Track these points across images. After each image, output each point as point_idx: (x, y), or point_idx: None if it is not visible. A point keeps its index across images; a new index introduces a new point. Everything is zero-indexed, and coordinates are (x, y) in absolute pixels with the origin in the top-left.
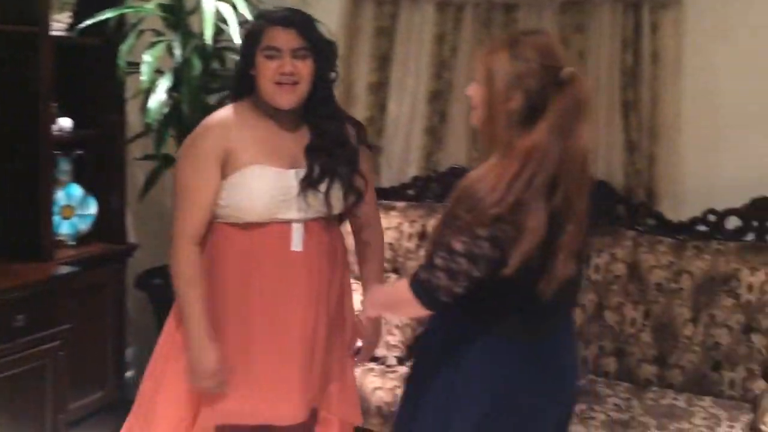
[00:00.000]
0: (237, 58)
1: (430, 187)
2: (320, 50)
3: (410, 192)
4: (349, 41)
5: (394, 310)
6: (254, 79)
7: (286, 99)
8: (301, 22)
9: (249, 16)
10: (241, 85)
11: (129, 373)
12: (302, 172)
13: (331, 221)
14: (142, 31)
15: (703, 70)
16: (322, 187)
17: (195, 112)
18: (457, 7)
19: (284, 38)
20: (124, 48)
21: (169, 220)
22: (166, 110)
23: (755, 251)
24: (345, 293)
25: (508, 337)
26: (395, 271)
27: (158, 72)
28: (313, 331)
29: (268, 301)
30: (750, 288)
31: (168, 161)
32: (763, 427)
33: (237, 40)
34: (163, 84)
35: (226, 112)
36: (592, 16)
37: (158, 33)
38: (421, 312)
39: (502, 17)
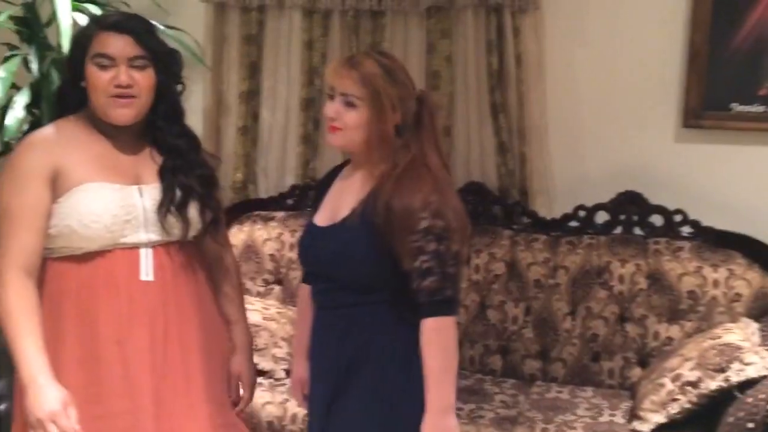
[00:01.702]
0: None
1: (309, 196)
2: (161, 59)
3: (289, 201)
4: (217, 50)
5: (455, 355)
6: (84, 92)
7: (123, 114)
8: (138, 28)
9: None
10: (68, 99)
11: (2, 407)
12: (151, 189)
13: (188, 245)
14: None
15: (564, 72)
16: (182, 208)
17: None
18: (324, 13)
19: (118, 45)
20: None
21: None
22: (25, 127)
23: (624, 244)
24: (214, 329)
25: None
26: (278, 282)
27: (14, 87)
28: (165, 374)
29: (117, 341)
30: (621, 279)
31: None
32: (641, 413)
33: None
34: (21, 100)
35: (49, 129)
36: (457, 21)
37: (12, 47)
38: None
39: (370, 23)
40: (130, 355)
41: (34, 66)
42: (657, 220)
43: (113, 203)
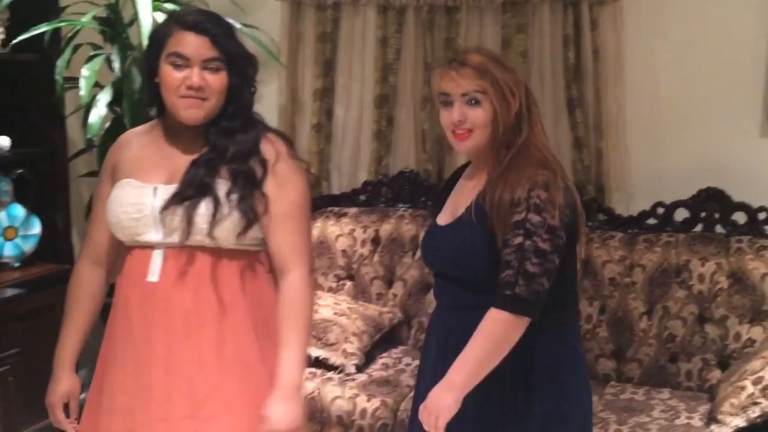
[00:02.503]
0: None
1: (382, 192)
2: (236, 63)
3: (362, 197)
4: (293, 47)
5: (498, 352)
6: (157, 89)
7: (191, 113)
8: (216, 29)
9: None
10: (151, 97)
11: (82, 395)
12: (166, 188)
13: (222, 253)
14: (78, 45)
15: (643, 65)
16: (188, 208)
17: (137, 125)
18: (399, 10)
19: (194, 46)
20: (60, 62)
21: None
22: (107, 125)
23: (704, 242)
24: (229, 351)
25: (563, 325)
26: (350, 278)
27: (98, 86)
28: (137, 392)
29: (127, 337)
30: (701, 278)
31: None
32: (720, 416)
33: None
34: (104, 98)
35: (136, 129)
36: (533, 15)
37: (96, 46)
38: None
39: (444, 19)
40: (140, 353)
41: (117, 65)
42: (740, 217)
43: (127, 201)
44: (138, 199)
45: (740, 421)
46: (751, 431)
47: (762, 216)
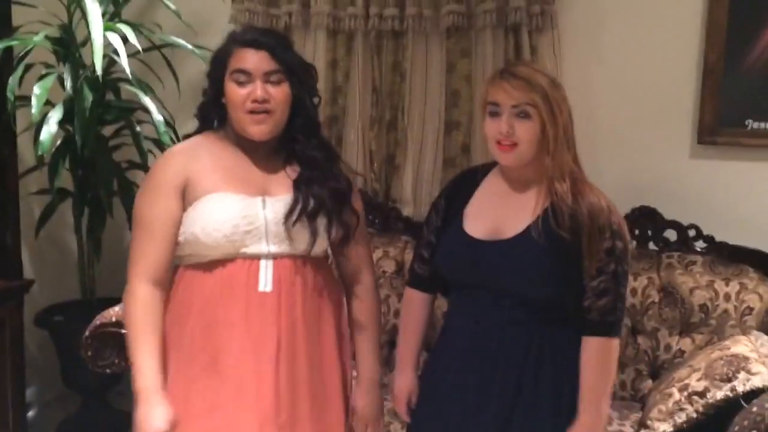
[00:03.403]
0: (206, 86)
1: None
2: (296, 74)
3: None
4: None
5: (613, 376)
6: (224, 108)
7: (259, 130)
8: (275, 43)
9: (138, 47)
10: (210, 115)
11: (30, 413)
12: (275, 201)
13: (315, 262)
14: (31, 64)
15: (581, 90)
16: (312, 219)
17: (88, 143)
18: (348, 34)
19: (255, 60)
20: (12, 80)
21: (70, 252)
22: (58, 143)
23: (637, 258)
24: (329, 352)
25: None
26: None
27: (49, 104)
28: (289, 384)
29: (236, 350)
30: (634, 292)
31: (63, 195)
32: (648, 422)
33: (128, 71)
34: (55, 116)
35: (190, 141)
36: (476, 41)
37: (48, 65)
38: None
39: (392, 43)
40: (243, 366)
41: (68, 84)
42: (671, 234)
43: (235, 213)
44: (250, 211)
45: (667, 427)
46: None
47: (692, 233)
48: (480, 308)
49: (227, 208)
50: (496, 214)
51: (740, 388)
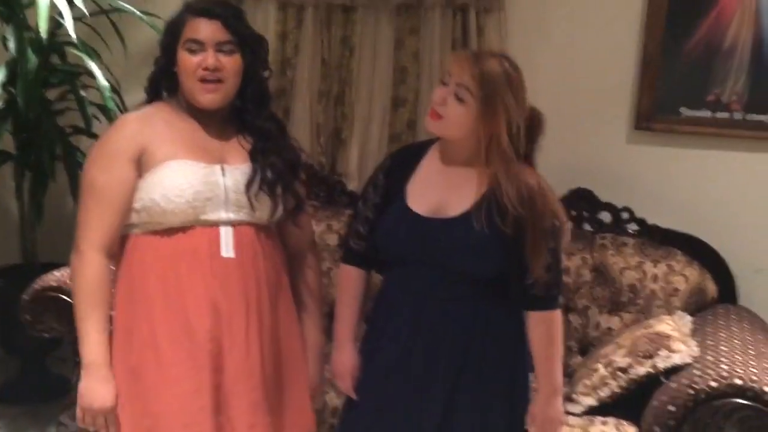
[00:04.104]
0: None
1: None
2: (248, 45)
3: None
4: None
5: (561, 345)
6: (175, 78)
7: (210, 98)
8: (228, 14)
9: (85, 11)
10: (159, 84)
11: None
12: (234, 170)
13: (269, 230)
14: None
15: (524, 71)
16: (272, 188)
17: (32, 106)
18: (298, 7)
19: (208, 30)
20: None
21: (11, 216)
22: (1, 105)
23: (572, 238)
24: (287, 317)
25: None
26: None
27: None
28: (259, 347)
29: (203, 314)
30: (567, 271)
31: (5, 157)
32: (574, 396)
33: (73, 34)
34: None
35: (144, 110)
36: (425, 19)
37: None
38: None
39: (342, 17)
40: (210, 330)
41: (12, 45)
42: (606, 216)
43: (196, 180)
44: (208, 179)
45: (592, 401)
46: (601, 410)
47: (625, 216)
48: (423, 284)
49: (188, 174)
50: (440, 190)
51: (661, 365)
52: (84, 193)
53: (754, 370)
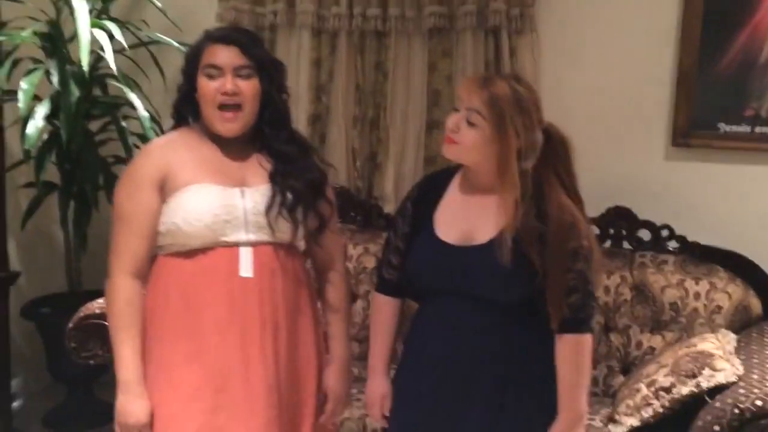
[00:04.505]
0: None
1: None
2: (266, 69)
3: None
4: None
5: (590, 371)
6: (197, 104)
7: (228, 127)
8: (245, 39)
9: (125, 44)
10: (184, 110)
11: (16, 404)
12: (254, 192)
13: (290, 249)
14: (19, 59)
15: (559, 91)
16: (292, 210)
17: (74, 138)
18: (332, 33)
19: (225, 55)
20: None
21: (57, 245)
22: (45, 137)
23: (611, 256)
24: (306, 335)
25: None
26: None
27: (36, 99)
28: (275, 365)
29: (218, 333)
30: (607, 290)
31: (49, 188)
32: (617, 417)
33: (114, 67)
34: (41, 111)
35: (166, 136)
36: (457, 42)
37: (36, 60)
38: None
39: (375, 43)
40: (226, 349)
41: (55, 79)
42: (645, 234)
43: (215, 203)
44: (229, 201)
45: (635, 421)
46: (644, 430)
47: (665, 233)
48: (455, 315)
49: (207, 198)
50: (467, 218)
51: (704, 384)
52: (114, 219)
53: None
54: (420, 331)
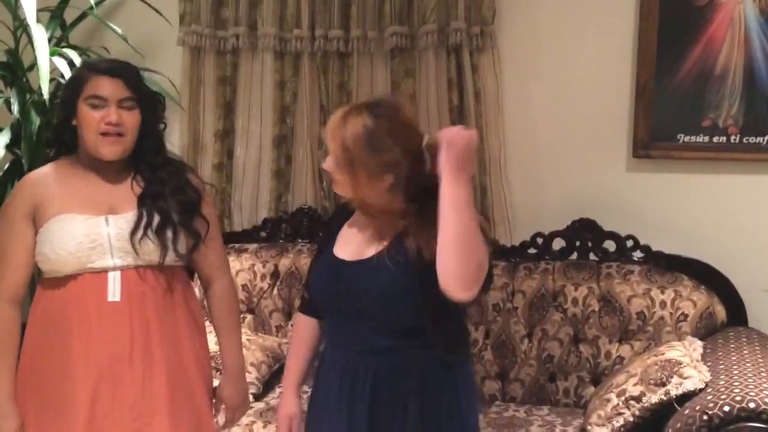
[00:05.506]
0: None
1: (281, 228)
2: (147, 101)
3: (262, 234)
4: (193, 91)
5: (469, 227)
6: (75, 131)
7: (110, 150)
8: (128, 73)
9: None
10: (62, 138)
11: None
12: (118, 218)
13: (170, 269)
14: None
15: (521, 107)
16: (156, 231)
17: (36, 165)
18: (295, 55)
19: (110, 88)
20: None
21: None
22: (6, 166)
23: (578, 268)
24: (187, 349)
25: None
26: (251, 311)
27: None
28: (143, 385)
29: (89, 355)
30: (575, 302)
31: None
32: (588, 428)
33: None
34: (2, 140)
35: (42, 170)
36: (419, 61)
37: None
38: (474, 279)
39: (338, 64)
40: (94, 370)
41: (15, 108)
42: (610, 245)
43: (79, 231)
44: (90, 230)
45: (606, 431)
46: None
47: (629, 244)
48: (348, 338)
49: (71, 227)
50: (360, 237)
51: (673, 392)
52: None
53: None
54: (324, 357)
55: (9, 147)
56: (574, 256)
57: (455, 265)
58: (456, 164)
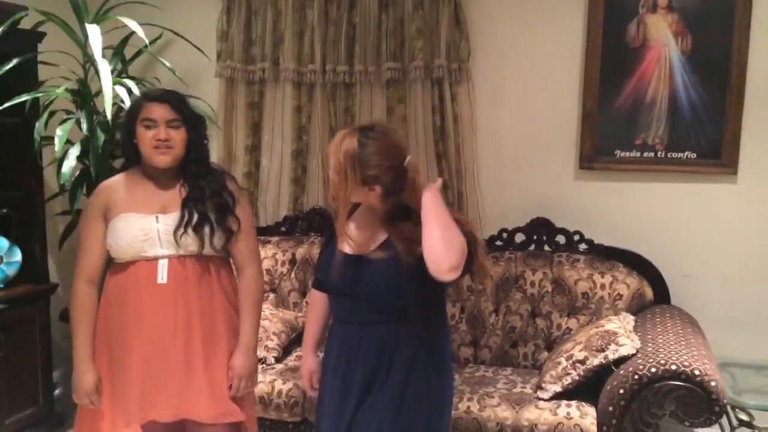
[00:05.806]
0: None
1: (298, 224)
2: (190, 121)
3: (282, 228)
4: (228, 114)
5: (447, 221)
6: (137, 147)
7: (161, 159)
8: (174, 98)
9: None
10: (128, 153)
11: (57, 391)
12: (167, 217)
13: (209, 258)
14: (54, 111)
15: (490, 128)
16: (194, 228)
17: (101, 174)
18: (309, 85)
19: (159, 111)
20: (38, 125)
21: None
22: (77, 174)
23: (535, 257)
24: (220, 324)
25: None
26: (273, 290)
27: (69, 143)
28: (184, 349)
29: (142, 325)
30: (533, 284)
31: (81, 215)
32: (543, 385)
33: None
34: (74, 153)
35: (113, 178)
36: (410, 90)
37: (68, 111)
38: (458, 258)
39: (344, 92)
40: (146, 338)
41: (84, 126)
42: (561, 239)
43: (135, 227)
44: (144, 226)
45: (557, 388)
46: (565, 395)
47: (576, 237)
48: (346, 311)
49: (129, 224)
50: (361, 234)
51: (611, 356)
52: (78, 241)
53: (686, 357)
54: (332, 325)
55: (80, 158)
56: (532, 247)
57: (441, 247)
58: (432, 194)
